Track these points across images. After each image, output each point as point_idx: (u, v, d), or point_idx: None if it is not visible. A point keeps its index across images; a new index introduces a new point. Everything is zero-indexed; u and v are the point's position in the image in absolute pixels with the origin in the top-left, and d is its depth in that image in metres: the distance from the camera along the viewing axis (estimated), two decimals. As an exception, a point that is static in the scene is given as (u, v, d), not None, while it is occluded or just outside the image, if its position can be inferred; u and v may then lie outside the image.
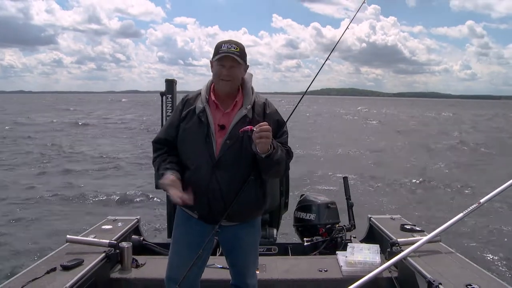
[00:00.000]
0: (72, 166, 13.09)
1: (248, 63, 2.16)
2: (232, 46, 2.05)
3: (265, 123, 1.94)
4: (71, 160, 14.31)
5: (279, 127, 2.15)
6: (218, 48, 2.08)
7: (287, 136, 2.21)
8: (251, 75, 2.21)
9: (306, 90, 2.46)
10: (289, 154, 2.14)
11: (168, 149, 2.20)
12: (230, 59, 2.05)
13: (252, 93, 2.16)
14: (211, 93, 2.15)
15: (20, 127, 27.07)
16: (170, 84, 4.17)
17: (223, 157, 2.05)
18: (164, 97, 4.14)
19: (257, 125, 1.93)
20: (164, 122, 4.14)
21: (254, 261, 2.38)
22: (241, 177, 2.08)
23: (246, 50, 2.13)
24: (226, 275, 2.73)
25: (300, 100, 2.37)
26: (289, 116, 2.23)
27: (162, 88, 4.15)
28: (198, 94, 2.18)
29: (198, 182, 2.08)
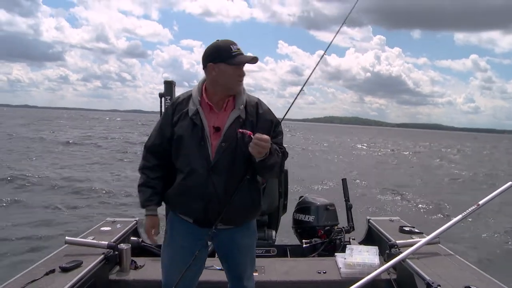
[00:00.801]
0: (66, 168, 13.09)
1: (252, 88, 2.14)
2: (238, 46, 2.03)
3: (266, 137, 1.91)
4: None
5: (273, 127, 2.10)
6: (227, 50, 2.01)
7: (282, 136, 2.18)
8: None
9: (302, 88, 2.41)
10: (284, 155, 2.12)
11: (158, 160, 2.16)
12: (244, 59, 2.03)
13: (244, 93, 2.12)
14: (203, 95, 2.09)
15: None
16: (169, 85, 4.16)
17: (219, 160, 2.02)
18: (163, 99, 4.14)
19: (257, 135, 1.90)
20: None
21: (251, 263, 2.35)
22: (237, 179, 2.04)
23: (252, 75, 2.15)
24: (224, 276, 2.73)
25: (296, 96, 2.33)
26: (284, 116, 2.19)
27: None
28: (189, 96, 2.12)
29: (194, 187, 2.04)
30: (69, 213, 8.17)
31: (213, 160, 2.02)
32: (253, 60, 2.03)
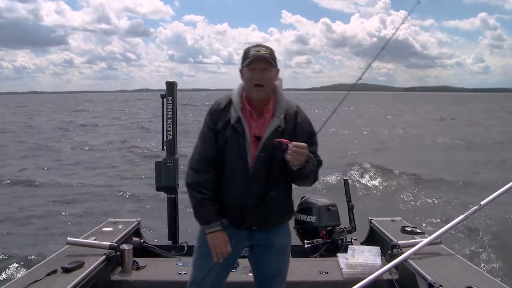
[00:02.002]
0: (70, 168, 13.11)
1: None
2: (261, 49, 1.98)
3: (304, 144, 1.89)
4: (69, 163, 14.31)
5: (310, 139, 2.06)
6: (246, 53, 2.00)
7: (317, 146, 2.15)
8: (281, 80, 2.15)
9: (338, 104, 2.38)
10: (319, 163, 2.09)
11: (209, 173, 2.07)
12: (261, 62, 1.97)
13: (285, 101, 2.09)
14: (244, 101, 2.06)
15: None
16: (171, 86, 4.18)
17: (258, 170, 2.02)
18: (164, 99, 4.15)
19: (295, 143, 1.89)
20: (164, 124, 4.16)
21: (288, 264, 2.32)
22: (272, 187, 2.04)
23: None
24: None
25: (335, 109, 2.28)
26: (320, 128, 2.17)
27: None
28: (229, 101, 2.08)
29: (233, 194, 2.06)
30: (72, 211, 8.19)
31: (252, 169, 2.02)
32: (259, 57, 1.96)
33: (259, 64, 1.97)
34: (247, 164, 2.02)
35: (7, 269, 5.17)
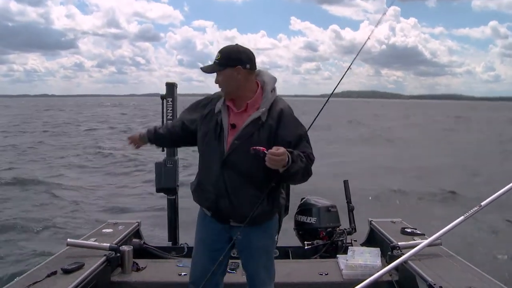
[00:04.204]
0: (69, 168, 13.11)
1: (267, 66, 2.19)
2: (216, 56, 2.17)
3: (282, 151, 1.93)
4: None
5: (298, 139, 2.12)
6: None
7: (308, 143, 2.18)
8: (274, 78, 2.24)
9: (328, 98, 2.49)
10: (309, 160, 2.10)
11: (168, 132, 2.51)
12: (210, 70, 2.19)
13: (272, 97, 2.17)
14: None
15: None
16: (171, 87, 4.19)
17: (231, 156, 2.11)
18: (164, 101, 4.15)
19: (271, 151, 1.93)
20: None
21: (267, 267, 2.34)
22: (248, 177, 2.12)
23: (265, 53, 2.28)
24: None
25: (323, 106, 2.35)
26: (311, 124, 2.20)
27: (182, 90, 4.21)
28: (221, 96, 2.27)
29: (208, 179, 2.20)
30: (71, 214, 8.18)
31: (226, 154, 2.12)
32: (207, 70, 2.20)
33: (209, 72, 2.20)
34: (223, 150, 2.14)
35: (7, 271, 5.18)
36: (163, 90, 4.21)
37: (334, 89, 2.53)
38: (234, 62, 2.14)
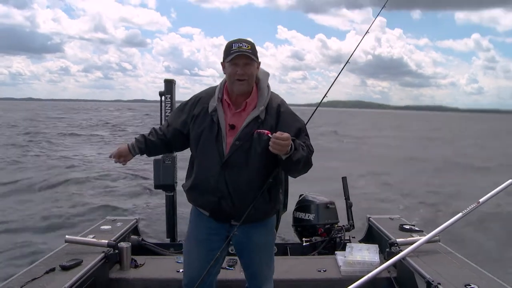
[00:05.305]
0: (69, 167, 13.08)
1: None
2: (243, 45, 2.02)
3: (286, 135, 1.90)
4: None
5: (297, 132, 2.09)
6: (228, 48, 2.04)
7: (307, 135, 2.17)
8: (268, 73, 2.18)
9: (320, 103, 2.52)
10: (309, 150, 2.09)
11: (158, 139, 2.29)
12: (243, 57, 2.01)
13: (268, 93, 2.13)
14: (224, 93, 2.14)
15: None
16: (169, 84, 4.17)
17: (232, 157, 2.06)
18: (163, 97, 4.15)
19: (276, 134, 1.90)
20: (163, 122, 4.15)
21: (268, 263, 2.34)
22: (249, 177, 2.08)
23: None
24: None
25: (314, 111, 2.37)
26: (308, 120, 2.20)
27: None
28: (212, 93, 2.17)
29: (207, 181, 2.11)
30: (69, 211, 8.17)
31: (226, 156, 2.06)
32: (240, 54, 2.01)
33: (241, 59, 2.02)
34: (222, 151, 2.07)
35: (6, 267, 5.18)
36: (149, 97, 4.22)
37: (322, 99, 2.55)
38: (257, 56, 2.07)
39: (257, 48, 2.08)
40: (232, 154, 2.05)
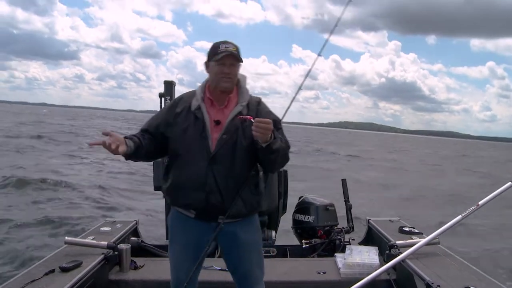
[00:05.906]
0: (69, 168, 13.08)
1: (266, 91, 2.19)
2: (229, 46, 2.10)
3: (268, 119, 1.97)
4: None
5: (274, 127, 2.11)
6: (215, 48, 2.11)
7: (283, 132, 2.23)
8: (245, 76, 2.25)
9: (300, 87, 2.51)
10: (287, 144, 2.16)
11: (146, 139, 2.17)
12: (230, 58, 2.09)
13: (247, 92, 2.22)
14: (206, 92, 2.20)
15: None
16: (169, 86, 4.18)
17: (219, 151, 2.09)
18: (163, 99, 4.15)
19: (258, 119, 1.96)
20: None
21: (258, 263, 2.32)
22: (237, 171, 2.11)
23: (265, 78, 2.25)
24: (224, 277, 2.74)
25: (295, 96, 2.41)
26: (284, 114, 2.26)
27: None
28: (193, 94, 2.22)
29: (195, 178, 2.10)
30: (69, 213, 8.17)
31: (213, 152, 2.09)
32: (229, 54, 2.06)
33: (228, 60, 2.10)
34: (209, 146, 2.10)
35: (5, 269, 5.17)
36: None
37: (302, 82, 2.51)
38: (241, 58, 2.15)
39: (271, 65, 2.13)
40: (220, 148, 2.09)
